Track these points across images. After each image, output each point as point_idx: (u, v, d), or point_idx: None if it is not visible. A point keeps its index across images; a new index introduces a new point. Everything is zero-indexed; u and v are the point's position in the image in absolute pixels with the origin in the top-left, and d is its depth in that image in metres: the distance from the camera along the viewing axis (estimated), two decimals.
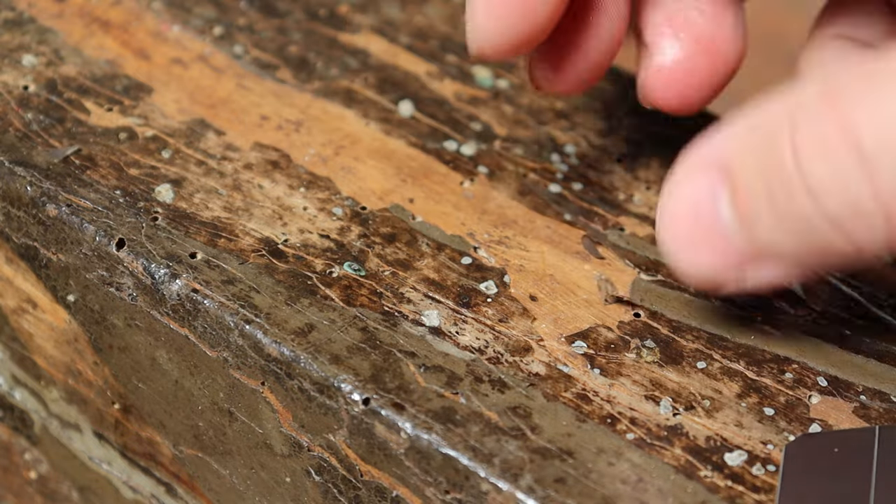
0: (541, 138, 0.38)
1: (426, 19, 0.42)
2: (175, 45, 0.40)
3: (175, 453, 0.36)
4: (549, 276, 0.34)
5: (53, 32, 0.39)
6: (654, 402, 0.32)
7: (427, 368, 0.31)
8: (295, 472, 0.33)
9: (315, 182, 0.36)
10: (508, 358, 0.32)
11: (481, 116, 0.39)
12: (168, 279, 0.33)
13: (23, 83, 0.38)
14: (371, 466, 0.31)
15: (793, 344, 0.33)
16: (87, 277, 0.34)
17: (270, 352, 0.32)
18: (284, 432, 0.32)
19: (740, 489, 0.30)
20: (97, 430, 0.38)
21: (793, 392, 0.32)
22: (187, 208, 0.35)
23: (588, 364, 0.32)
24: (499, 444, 0.30)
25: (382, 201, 0.36)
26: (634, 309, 0.34)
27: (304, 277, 0.33)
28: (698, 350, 0.33)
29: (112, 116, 0.37)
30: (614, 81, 0.41)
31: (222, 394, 0.33)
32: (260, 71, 0.39)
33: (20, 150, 0.36)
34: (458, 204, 0.36)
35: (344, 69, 0.40)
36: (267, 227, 0.35)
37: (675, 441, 0.31)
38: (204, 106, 0.38)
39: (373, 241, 0.35)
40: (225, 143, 0.37)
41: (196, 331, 0.33)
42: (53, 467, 0.41)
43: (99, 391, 0.37)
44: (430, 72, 0.40)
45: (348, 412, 0.31)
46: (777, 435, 0.31)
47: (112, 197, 0.35)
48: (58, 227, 0.34)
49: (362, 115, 0.38)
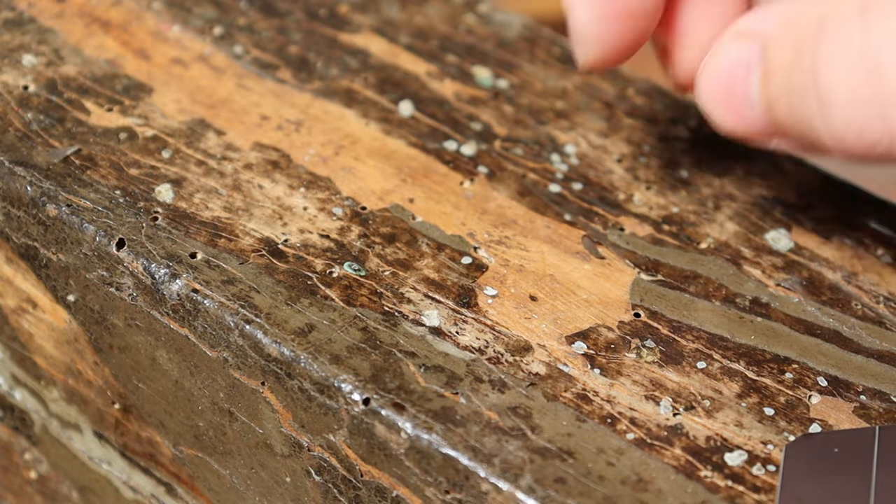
0: (541, 138, 0.38)
1: (426, 19, 0.42)
2: (175, 45, 0.40)
3: (175, 453, 0.36)
4: (549, 276, 0.34)
5: (53, 32, 0.39)
6: (654, 402, 0.32)
7: (427, 368, 0.31)
8: (295, 472, 0.33)
9: (315, 182, 0.36)
10: (508, 358, 0.32)
11: (481, 116, 0.39)
12: (168, 279, 0.33)
13: (23, 83, 0.38)
14: (371, 466, 0.31)
15: (793, 344, 0.33)
16: (87, 277, 0.34)
17: (270, 352, 0.32)
18: (284, 432, 0.32)
19: (740, 489, 0.30)
20: (97, 430, 0.38)
21: (793, 392, 0.32)
22: (187, 208, 0.35)
23: (588, 364, 0.32)
24: (499, 444, 0.30)
25: (382, 201, 0.36)
26: (634, 309, 0.34)
27: (304, 277, 0.33)
28: (698, 350, 0.33)
29: (112, 116, 0.37)
30: (614, 82, 0.41)
31: (222, 394, 0.33)
32: (260, 71, 0.39)
33: (20, 150, 0.36)
34: (458, 204, 0.36)
35: (344, 69, 0.40)
36: (267, 227, 0.35)
37: (675, 441, 0.31)
38: (204, 106, 0.38)
39: (373, 241, 0.35)
40: (225, 143, 0.37)
41: (196, 331, 0.33)
42: (53, 467, 0.41)
43: (99, 391, 0.37)
44: (430, 72, 0.40)
45: (348, 412, 0.31)
46: (777, 435, 0.31)
47: (112, 197, 0.35)
48: (58, 227, 0.34)
49: (362, 115, 0.38)
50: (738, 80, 0.31)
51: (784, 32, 0.30)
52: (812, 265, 0.36)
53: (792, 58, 0.30)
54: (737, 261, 0.36)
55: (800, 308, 0.34)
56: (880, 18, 0.28)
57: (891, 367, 0.33)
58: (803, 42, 0.29)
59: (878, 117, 0.28)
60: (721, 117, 0.32)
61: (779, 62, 0.30)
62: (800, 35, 0.29)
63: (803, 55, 0.29)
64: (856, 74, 0.28)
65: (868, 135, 0.28)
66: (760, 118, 0.31)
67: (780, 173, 0.39)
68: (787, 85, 0.30)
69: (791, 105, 0.30)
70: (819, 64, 0.29)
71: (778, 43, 0.30)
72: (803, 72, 0.29)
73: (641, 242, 0.36)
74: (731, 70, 0.31)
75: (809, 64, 0.29)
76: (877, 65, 0.28)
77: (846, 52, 0.28)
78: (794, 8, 0.30)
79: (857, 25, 0.28)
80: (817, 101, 0.29)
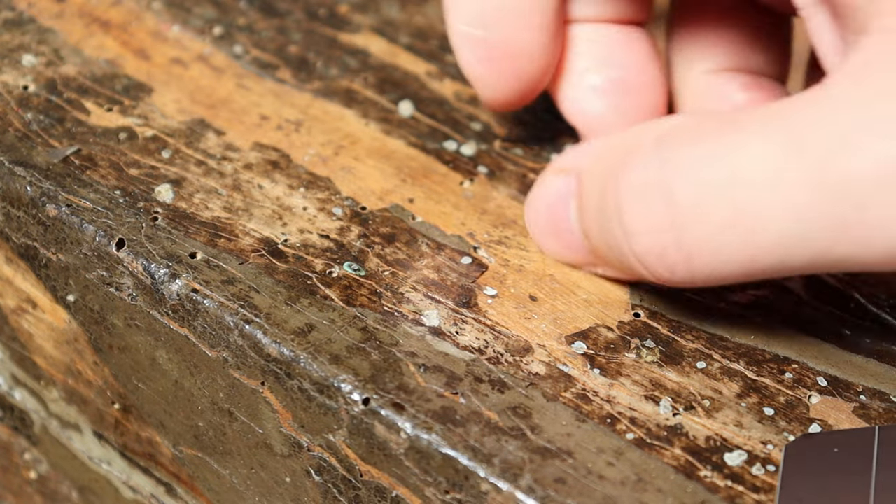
0: (541, 138, 0.38)
1: (426, 19, 0.42)
2: (175, 45, 0.40)
3: (175, 453, 0.36)
4: (549, 276, 0.34)
5: (53, 32, 0.39)
6: (654, 402, 0.32)
7: (427, 368, 0.31)
8: (295, 472, 0.33)
9: (315, 182, 0.36)
10: (508, 358, 0.32)
11: (481, 116, 0.39)
12: (168, 279, 0.33)
13: (23, 83, 0.38)
14: (371, 466, 0.31)
15: (793, 344, 0.33)
16: (87, 277, 0.34)
17: (270, 352, 0.32)
18: (284, 432, 0.32)
19: (740, 489, 0.30)
20: (97, 430, 0.38)
21: (793, 392, 0.32)
22: (187, 208, 0.35)
23: (588, 364, 0.32)
24: (499, 444, 0.30)
25: (382, 201, 0.36)
26: (634, 309, 0.34)
27: (304, 277, 0.33)
28: (698, 350, 0.33)
29: (112, 116, 0.37)
30: None
31: (222, 394, 0.33)
32: (260, 71, 0.39)
33: (20, 150, 0.36)
34: (458, 204, 0.36)
35: (344, 69, 0.40)
36: (267, 227, 0.35)
37: (675, 441, 0.31)
38: (204, 106, 0.38)
39: (373, 241, 0.35)
40: (225, 143, 0.37)
41: (196, 331, 0.33)
42: (53, 467, 0.41)
43: (99, 391, 0.37)
44: (430, 72, 0.40)
45: (348, 412, 0.31)
46: (777, 435, 0.31)
47: (112, 197, 0.35)
48: (58, 227, 0.34)
49: (362, 115, 0.38)
50: (560, 211, 0.33)
51: (594, 165, 0.31)
52: None
53: (599, 190, 0.30)
54: None
55: (799, 308, 0.34)
56: (673, 149, 0.29)
57: (891, 367, 0.33)
58: (609, 174, 0.30)
59: (674, 244, 0.29)
60: (548, 247, 0.34)
61: (589, 195, 0.31)
62: (606, 168, 0.30)
63: (608, 187, 0.30)
64: (653, 204, 0.29)
65: (667, 259, 0.29)
66: (583, 247, 0.33)
67: None
68: (597, 216, 0.31)
69: (602, 235, 0.31)
70: (621, 196, 0.29)
71: (589, 176, 0.31)
72: (608, 203, 0.30)
73: None
74: (553, 202, 0.33)
75: (613, 196, 0.30)
76: (671, 194, 0.28)
77: (644, 183, 0.29)
78: (606, 142, 0.32)
79: (653, 158, 0.29)
80: (622, 231, 0.30)
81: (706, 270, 0.29)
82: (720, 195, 0.28)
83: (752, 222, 0.27)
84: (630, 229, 0.29)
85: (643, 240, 0.29)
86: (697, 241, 0.28)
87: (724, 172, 0.28)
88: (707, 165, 0.28)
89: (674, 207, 0.28)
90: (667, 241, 0.29)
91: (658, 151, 0.29)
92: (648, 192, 0.29)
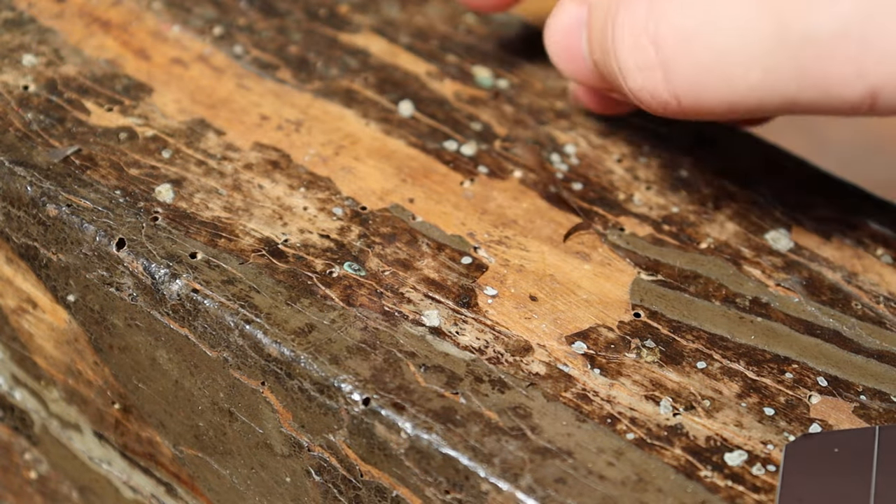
0: (541, 138, 0.38)
1: (426, 19, 0.42)
2: (175, 45, 0.40)
3: (175, 453, 0.36)
4: (549, 276, 0.34)
5: (53, 32, 0.39)
6: (654, 402, 0.32)
7: (427, 368, 0.31)
8: (295, 472, 0.33)
9: (315, 182, 0.36)
10: (508, 358, 0.32)
11: (481, 116, 0.39)
12: (168, 279, 0.33)
13: (23, 83, 0.38)
14: (371, 466, 0.31)
15: (793, 344, 0.33)
16: (87, 277, 0.34)
17: (270, 352, 0.32)
18: (284, 432, 0.32)
19: (740, 489, 0.30)
20: (97, 430, 0.38)
21: (793, 392, 0.32)
22: (187, 208, 0.35)
23: (588, 364, 0.32)
24: (499, 444, 0.30)
25: (382, 201, 0.36)
26: (634, 309, 0.34)
27: (304, 277, 0.33)
28: (698, 350, 0.33)
29: (112, 116, 0.37)
30: None
31: (222, 394, 0.33)
32: (260, 71, 0.39)
33: (20, 150, 0.36)
34: (458, 204, 0.36)
35: (344, 69, 0.40)
36: (267, 227, 0.35)
37: (675, 441, 0.31)
38: (204, 106, 0.38)
39: (373, 241, 0.35)
40: (225, 143, 0.37)
41: (196, 331, 0.33)
42: (53, 467, 0.41)
43: (99, 391, 0.37)
44: (430, 72, 0.40)
45: (348, 412, 0.31)
46: (777, 435, 0.31)
47: (112, 197, 0.35)
48: (58, 227, 0.34)
49: (362, 115, 0.38)
50: (573, 36, 0.35)
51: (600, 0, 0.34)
52: (812, 265, 0.36)
53: (601, 26, 0.33)
54: (737, 261, 0.36)
55: (800, 308, 0.34)
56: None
57: (891, 367, 0.33)
58: (608, 11, 0.32)
59: (662, 82, 0.31)
60: (563, 67, 0.36)
61: (595, 27, 0.33)
62: (607, 5, 0.33)
63: (607, 24, 0.32)
64: (641, 43, 0.31)
65: (659, 96, 0.31)
66: (592, 71, 0.35)
67: (780, 173, 0.39)
68: (600, 50, 0.33)
69: (605, 68, 0.33)
70: (616, 34, 0.32)
71: (596, 10, 0.34)
72: (607, 40, 0.32)
73: (641, 242, 0.36)
74: (567, 27, 0.35)
75: (610, 33, 0.32)
76: (656, 35, 0.31)
77: (634, 23, 0.31)
78: None
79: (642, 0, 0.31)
80: (617, 67, 0.32)
81: (695, 108, 0.31)
82: (700, 41, 0.30)
83: (728, 69, 0.30)
84: (623, 66, 0.32)
85: (636, 76, 0.32)
86: (683, 82, 0.31)
87: (704, 18, 0.30)
88: (689, 9, 0.30)
89: (660, 49, 0.31)
90: (657, 79, 0.31)
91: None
92: (637, 32, 0.31)
